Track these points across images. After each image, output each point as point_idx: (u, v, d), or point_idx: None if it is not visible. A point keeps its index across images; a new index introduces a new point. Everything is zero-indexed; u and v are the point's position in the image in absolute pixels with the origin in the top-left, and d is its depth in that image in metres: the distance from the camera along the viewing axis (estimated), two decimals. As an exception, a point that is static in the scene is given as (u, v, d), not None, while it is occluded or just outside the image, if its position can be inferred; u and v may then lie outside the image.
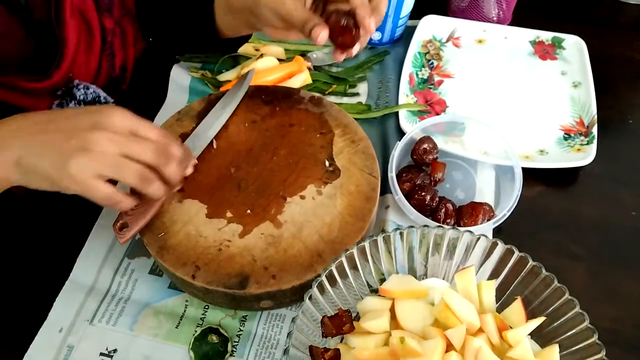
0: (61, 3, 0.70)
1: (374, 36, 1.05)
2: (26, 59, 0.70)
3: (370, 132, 0.86)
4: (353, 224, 0.72)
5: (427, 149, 0.83)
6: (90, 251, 0.78)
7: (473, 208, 0.78)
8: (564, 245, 0.81)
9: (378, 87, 1.00)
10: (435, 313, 0.60)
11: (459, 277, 0.62)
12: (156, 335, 0.71)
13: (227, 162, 0.78)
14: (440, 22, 1.07)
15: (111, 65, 0.83)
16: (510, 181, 0.81)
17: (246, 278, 0.67)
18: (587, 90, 0.97)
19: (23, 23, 0.68)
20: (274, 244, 0.70)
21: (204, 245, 0.70)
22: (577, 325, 0.59)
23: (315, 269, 0.68)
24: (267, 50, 1.03)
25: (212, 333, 0.70)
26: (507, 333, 0.58)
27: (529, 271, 0.63)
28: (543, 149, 0.90)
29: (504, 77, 1.02)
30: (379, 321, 0.60)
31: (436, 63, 1.03)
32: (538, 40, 1.06)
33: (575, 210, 0.85)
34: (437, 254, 0.67)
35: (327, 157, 0.79)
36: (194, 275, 0.67)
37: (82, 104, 0.75)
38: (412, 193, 0.79)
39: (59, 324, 0.72)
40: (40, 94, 0.72)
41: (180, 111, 0.84)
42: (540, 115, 0.95)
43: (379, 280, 0.67)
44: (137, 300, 0.74)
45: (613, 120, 0.96)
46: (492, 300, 0.63)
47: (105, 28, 0.78)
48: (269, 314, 0.74)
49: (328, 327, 0.59)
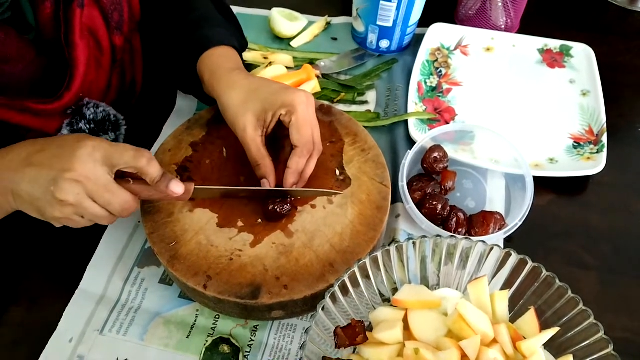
0: (71, 24, 0.70)
1: (382, 44, 1.05)
2: (37, 80, 0.70)
3: (379, 140, 0.86)
4: (364, 234, 0.72)
5: (437, 158, 0.83)
6: (100, 260, 0.78)
7: (484, 217, 0.77)
8: (575, 255, 0.81)
9: (387, 95, 1.00)
10: (449, 324, 0.59)
11: (472, 288, 0.62)
12: (167, 346, 0.71)
13: (237, 171, 0.78)
14: (448, 30, 1.07)
15: (121, 81, 0.83)
16: (521, 190, 0.81)
17: (258, 288, 0.67)
18: (596, 98, 0.97)
19: (33, 44, 0.68)
20: (285, 254, 0.70)
21: (216, 254, 0.70)
22: (591, 336, 0.59)
23: (327, 279, 0.67)
24: (276, 58, 1.03)
25: (223, 343, 0.70)
26: (521, 344, 0.58)
27: (542, 281, 0.62)
28: (553, 158, 0.90)
29: (512, 85, 1.02)
30: (393, 332, 0.59)
31: (444, 71, 1.03)
32: (546, 49, 1.06)
33: (585, 219, 0.85)
34: (450, 263, 0.67)
35: (338, 165, 0.79)
36: (206, 285, 0.67)
37: (92, 123, 0.75)
38: (423, 202, 0.79)
39: (69, 333, 0.72)
40: (50, 115, 0.72)
41: (190, 119, 0.84)
42: (549, 123, 0.95)
43: (391, 289, 0.67)
44: (147, 309, 0.74)
45: (622, 129, 0.96)
46: (505, 310, 0.63)
47: (115, 46, 0.78)
48: (280, 323, 0.73)
49: (341, 338, 0.59)
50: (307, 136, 0.71)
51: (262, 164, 0.73)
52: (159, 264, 0.77)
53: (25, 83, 0.69)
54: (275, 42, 1.10)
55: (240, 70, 0.77)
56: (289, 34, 1.09)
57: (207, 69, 0.77)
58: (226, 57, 0.78)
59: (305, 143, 0.71)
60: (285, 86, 0.74)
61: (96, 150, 0.61)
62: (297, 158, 0.72)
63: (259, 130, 0.72)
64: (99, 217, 0.64)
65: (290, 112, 0.70)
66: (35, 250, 0.80)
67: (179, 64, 0.82)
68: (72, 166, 0.59)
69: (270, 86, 0.73)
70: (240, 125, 0.72)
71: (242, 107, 0.72)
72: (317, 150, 0.74)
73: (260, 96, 0.72)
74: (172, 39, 0.83)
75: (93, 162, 0.60)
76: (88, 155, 0.60)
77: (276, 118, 0.71)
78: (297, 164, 0.72)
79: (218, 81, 0.75)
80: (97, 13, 0.74)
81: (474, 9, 1.10)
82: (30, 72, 0.69)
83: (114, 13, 0.76)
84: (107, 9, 0.75)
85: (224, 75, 0.75)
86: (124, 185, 0.64)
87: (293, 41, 1.09)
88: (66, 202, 0.60)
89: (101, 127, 0.77)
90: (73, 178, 0.59)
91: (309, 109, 0.72)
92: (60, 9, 0.69)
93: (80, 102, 0.74)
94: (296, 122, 0.70)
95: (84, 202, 0.61)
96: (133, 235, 0.81)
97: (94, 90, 0.76)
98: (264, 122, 0.72)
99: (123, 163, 0.62)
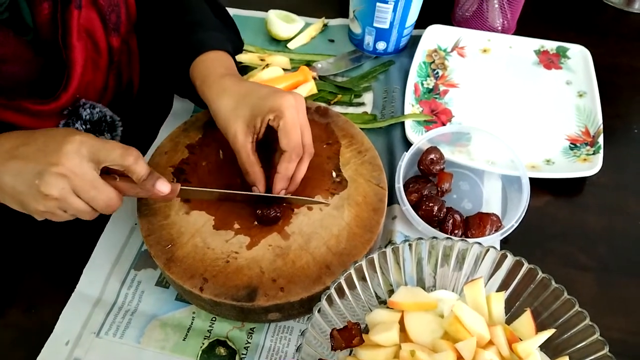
0: (68, 25, 0.70)
1: (378, 46, 1.05)
2: (34, 81, 0.70)
3: (376, 142, 0.86)
4: (361, 235, 0.72)
5: (433, 160, 0.83)
6: (97, 263, 0.78)
7: (481, 219, 0.77)
8: (572, 256, 0.81)
9: (383, 97, 1.00)
10: (445, 326, 0.59)
11: (468, 289, 0.62)
12: (163, 348, 0.71)
13: (234, 173, 0.78)
14: (445, 32, 1.08)
15: (118, 82, 0.83)
16: (517, 191, 0.81)
17: (254, 290, 0.67)
18: (592, 99, 0.97)
19: (31, 44, 0.68)
20: (281, 256, 0.70)
21: (212, 257, 0.70)
22: (587, 338, 0.59)
23: (324, 281, 0.67)
24: (273, 60, 1.03)
25: (219, 345, 0.70)
26: (517, 345, 0.58)
27: (538, 283, 0.62)
28: (549, 159, 0.90)
29: (509, 86, 1.02)
30: (389, 334, 0.59)
31: (441, 73, 1.03)
32: (543, 50, 1.06)
33: (582, 220, 0.85)
34: (446, 265, 0.67)
35: (334, 167, 0.79)
36: (202, 287, 0.67)
37: (88, 124, 0.75)
38: (420, 204, 0.79)
39: (65, 336, 0.72)
40: (47, 115, 0.72)
41: (187, 122, 0.85)
42: (545, 124, 0.95)
43: (387, 291, 0.67)
44: (143, 312, 0.74)
45: (619, 130, 0.97)
46: (501, 312, 0.63)
47: (113, 47, 0.78)
48: (277, 326, 0.73)
49: (338, 340, 0.59)
50: (295, 140, 0.70)
51: (250, 171, 0.73)
52: (155, 266, 0.77)
53: (22, 83, 0.69)
54: (272, 44, 1.10)
55: (231, 75, 0.76)
56: (286, 35, 1.09)
57: (199, 75, 0.76)
58: (219, 61, 0.78)
59: (294, 147, 0.71)
60: (273, 90, 0.73)
61: (83, 145, 0.61)
62: (285, 163, 0.71)
63: (250, 137, 0.72)
64: (82, 212, 0.64)
65: (278, 116, 0.70)
66: (32, 252, 0.80)
67: (173, 68, 0.82)
68: (58, 160, 0.59)
69: (260, 91, 0.72)
70: (231, 132, 0.72)
71: (232, 113, 0.72)
72: (307, 154, 0.74)
73: (249, 102, 0.71)
74: (166, 42, 0.83)
75: (80, 157, 0.60)
76: (75, 150, 0.60)
77: (265, 123, 0.71)
78: (286, 170, 0.72)
79: (209, 87, 0.74)
80: (94, 14, 0.74)
81: (470, 10, 1.10)
82: (28, 72, 0.69)
83: (111, 14, 0.76)
84: (104, 11, 0.75)
85: (215, 82, 0.75)
86: (110, 182, 0.64)
87: (290, 43, 1.09)
88: (50, 197, 0.60)
89: (97, 128, 0.77)
90: (59, 172, 0.59)
91: (299, 112, 0.71)
92: (58, 10, 0.69)
93: (76, 103, 0.74)
94: (284, 127, 0.69)
95: (68, 197, 0.61)
96: (130, 237, 0.81)
97: (90, 91, 0.77)
98: (254, 128, 0.71)
99: (110, 160, 0.62)
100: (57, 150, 0.60)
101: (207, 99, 0.75)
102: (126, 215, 0.82)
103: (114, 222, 0.82)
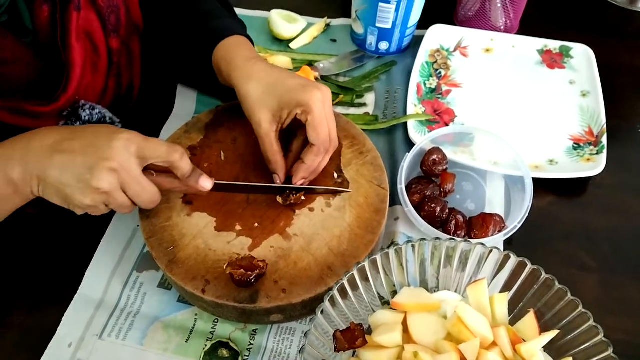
0: (67, 27, 0.70)
1: (381, 46, 1.05)
2: (33, 82, 0.70)
3: (378, 142, 0.86)
4: (363, 237, 0.72)
5: (436, 160, 0.83)
6: (99, 264, 0.78)
7: (484, 219, 0.77)
8: (575, 256, 0.81)
9: (385, 98, 1.00)
10: (449, 327, 0.59)
11: (472, 290, 0.62)
12: (166, 350, 0.71)
13: (235, 174, 0.78)
14: (447, 32, 1.07)
15: (118, 85, 0.83)
16: (521, 192, 0.80)
17: (256, 292, 0.66)
18: (596, 99, 0.96)
19: (30, 47, 0.68)
20: (283, 257, 0.70)
21: (214, 258, 0.70)
22: (591, 339, 0.59)
23: (326, 282, 0.67)
24: (275, 60, 1.03)
25: (222, 347, 0.70)
26: (520, 347, 0.57)
27: (542, 284, 0.62)
28: (553, 159, 0.90)
29: (512, 86, 1.01)
30: (392, 335, 0.59)
31: (444, 72, 1.03)
32: (546, 49, 1.06)
33: (585, 221, 0.85)
34: (449, 266, 0.66)
35: (336, 168, 0.79)
36: (204, 289, 0.67)
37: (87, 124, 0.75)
38: (422, 205, 0.79)
39: (68, 338, 0.72)
40: (46, 117, 0.72)
41: (188, 123, 0.84)
42: (549, 124, 0.95)
43: (390, 292, 0.67)
44: (146, 314, 0.74)
45: (622, 130, 0.96)
46: (504, 313, 0.62)
47: (112, 49, 0.78)
48: (279, 327, 0.73)
49: (341, 341, 0.58)
50: (324, 135, 0.72)
51: (272, 160, 0.74)
52: (157, 268, 0.77)
53: (21, 85, 0.69)
54: (274, 44, 1.10)
55: (257, 59, 0.76)
56: (288, 35, 1.09)
57: (223, 59, 0.77)
58: (242, 45, 0.79)
59: (323, 141, 0.72)
60: (302, 83, 0.73)
61: (131, 142, 0.62)
62: (313, 156, 0.73)
63: (274, 126, 0.73)
64: (124, 207, 0.65)
65: (306, 112, 0.70)
66: (35, 255, 0.80)
67: (193, 57, 0.82)
68: (110, 155, 0.60)
69: (288, 82, 0.73)
70: (256, 120, 0.72)
71: (259, 101, 0.72)
72: (332, 147, 0.75)
73: (277, 92, 0.72)
74: (183, 33, 0.83)
75: (128, 153, 0.61)
76: (123, 146, 0.61)
77: (292, 116, 0.72)
78: (312, 161, 0.73)
79: (235, 70, 0.75)
80: (93, 16, 0.74)
81: (473, 10, 1.10)
82: (27, 74, 0.69)
83: (110, 16, 0.76)
84: (104, 12, 0.75)
85: (241, 64, 0.75)
86: (149, 178, 0.65)
87: (292, 43, 1.09)
88: (100, 190, 0.60)
89: None
90: (111, 167, 0.60)
91: (325, 106, 0.72)
92: (57, 12, 0.69)
93: (75, 104, 0.74)
94: (312, 122, 0.70)
95: (115, 192, 0.62)
96: (132, 239, 0.81)
97: (90, 92, 0.76)
98: (280, 118, 0.72)
99: (156, 157, 0.64)
100: (107, 145, 0.61)
101: (234, 82, 0.75)
102: (128, 217, 0.81)
103: (115, 224, 0.82)
